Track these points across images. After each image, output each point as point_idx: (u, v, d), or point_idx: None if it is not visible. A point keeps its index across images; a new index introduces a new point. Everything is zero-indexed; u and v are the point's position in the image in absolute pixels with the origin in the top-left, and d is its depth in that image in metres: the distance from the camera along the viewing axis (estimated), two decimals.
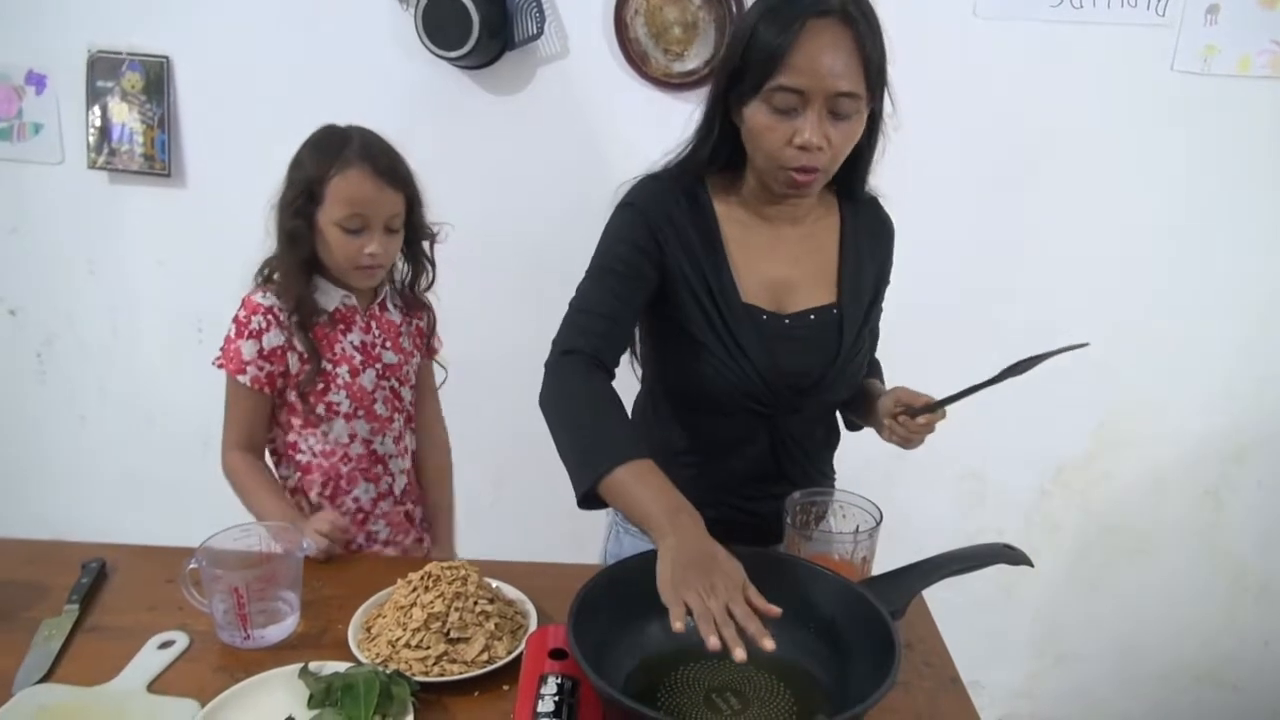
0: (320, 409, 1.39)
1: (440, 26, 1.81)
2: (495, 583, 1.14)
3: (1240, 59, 1.83)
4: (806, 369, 1.23)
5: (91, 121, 2.05)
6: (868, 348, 1.32)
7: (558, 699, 0.86)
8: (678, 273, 1.19)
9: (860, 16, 1.07)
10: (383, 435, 1.45)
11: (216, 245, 2.07)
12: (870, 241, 1.30)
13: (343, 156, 1.30)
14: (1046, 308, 1.98)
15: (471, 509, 1.60)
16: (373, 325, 1.43)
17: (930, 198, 1.86)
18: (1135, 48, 1.84)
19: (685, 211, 1.20)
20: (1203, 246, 1.96)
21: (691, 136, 1.23)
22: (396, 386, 1.47)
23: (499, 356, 1.66)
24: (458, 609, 1.04)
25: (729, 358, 1.20)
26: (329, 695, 0.93)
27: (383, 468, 1.47)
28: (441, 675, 0.99)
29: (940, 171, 1.91)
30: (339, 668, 0.97)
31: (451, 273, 1.52)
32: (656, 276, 1.19)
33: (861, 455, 1.45)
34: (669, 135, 1.25)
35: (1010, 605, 2.23)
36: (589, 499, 1.01)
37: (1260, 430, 2.09)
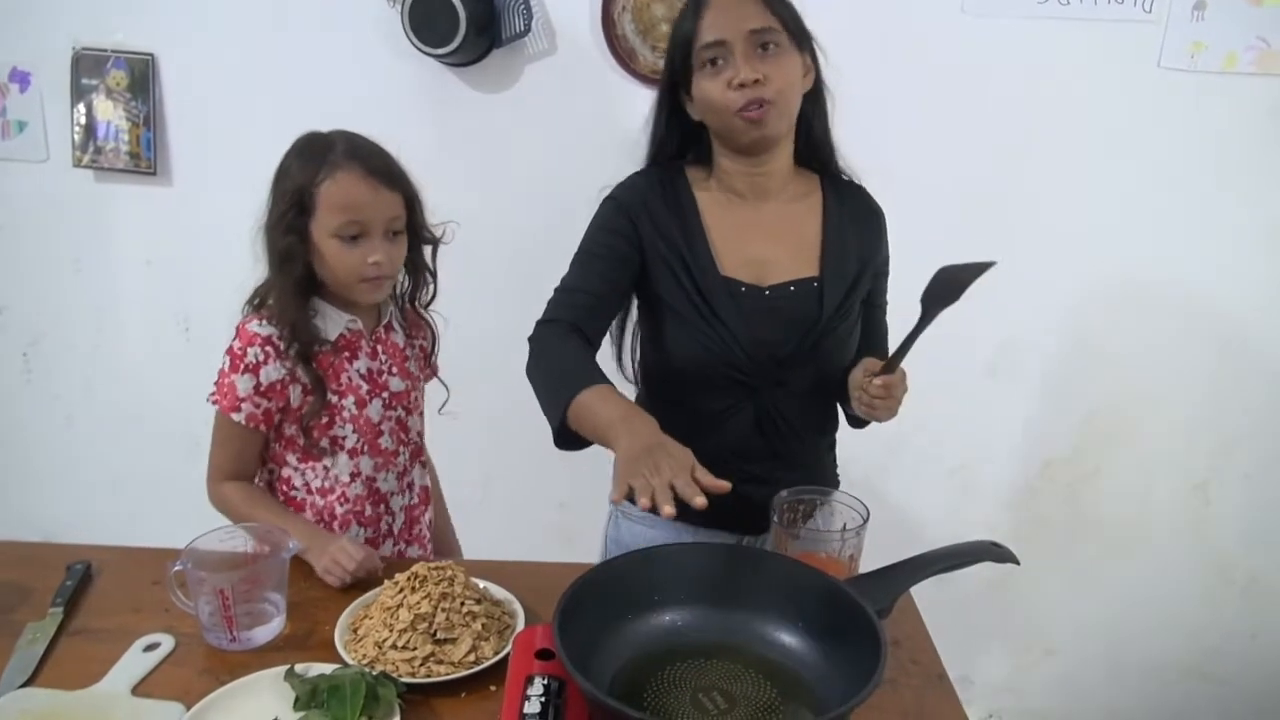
0: (324, 443, 1.29)
1: (427, 23, 1.81)
2: (483, 583, 1.14)
3: (1227, 55, 1.84)
4: (785, 338, 1.26)
5: (76, 119, 2.04)
6: (854, 323, 1.33)
7: (544, 700, 0.86)
8: (655, 251, 1.26)
9: None
10: (386, 471, 1.35)
11: (203, 244, 2.06)
12: (857, 225, 1.33)
13: (330, 159, 1.20)
14: (1033, 302, 1.99)
15: (459, 508, 1.60)
16: (379, 350, 1.33)
17: (916, 193, 1.86)
18: (1122, 44, 1.85)
19: (661, 197, 1.28)
20: (1189, 242, 1.97)
21: (649, 142, 1.33)
22: (403, 416, 1.37)
23: (487, 354, 1.65)
24: (444, 609, 1.04)
25: (708, 328, 1.25)
26: (315, 697, 0.92)
27: (384, 507, 1.37)
28: (428, 676, 0.99)
29: (927, 166, 1.91)
30: (325, 669, 0.96)
31: (440, 269, 1.51)
32: (636, 257, 1.27)
33: (850, 452, 1.46)
34: None
35: (998, 600, 2.23)
36: (564, 436, 1.07)
37: (1247, 424, 2.10)
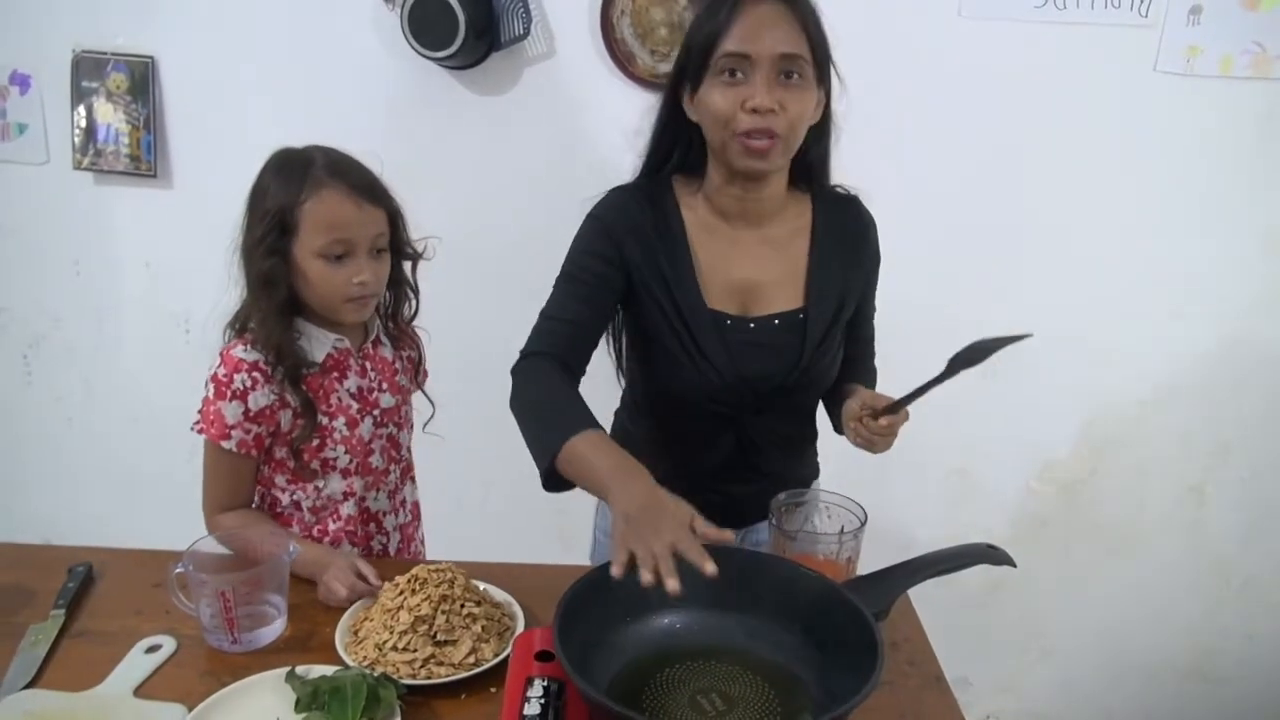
0: (315, 465, 1.27)
1: (426, 26, 1.81)
2: (483, 585, 1.15)
3: (1222, 59, 1.84)
4: (769, 374, 1.24)
5: (76, 122, 2.04)
6: (836, 351, 1.30)
7: (544, 701, 0.87)
8: (640, 280, 1.22)
9: None
10: (376, 490, 1.34)
11: (203, 246, 2.04)
12: (844, 244, 1.28)
13: (312, 177, 1.16)
14: (1030, 307, 1.98)
15: (459, 510, 1.60)
16: (368, 367, 1.31)
17: (913, 197, 1.87)
18: (1118, 48, 1.85)
19: (649, 219, 1.22)
20: (1185, 245, 1.98)
21: (649, 138, 1.28)
22: (394, 432, 1.35)
23: (485, 356, 1.65)
24: (444, 611, 1.04)
25: (691, 362, 1.22)
26: (316, 699, 0.93)
27: (375, 526, 1.36)
28: (429, 678, 0.99)
29: (924, 171, 1.92)
30: (326, 671, 0.97)
31: (437, 272, 1.51)
32: (621, 280, 1.22)
33: (847, 454, 1.46)
34: None
35: (996, 601, 2.24)
36: (552, 478, 1.04)
37: (1243, 426, 2.10)
